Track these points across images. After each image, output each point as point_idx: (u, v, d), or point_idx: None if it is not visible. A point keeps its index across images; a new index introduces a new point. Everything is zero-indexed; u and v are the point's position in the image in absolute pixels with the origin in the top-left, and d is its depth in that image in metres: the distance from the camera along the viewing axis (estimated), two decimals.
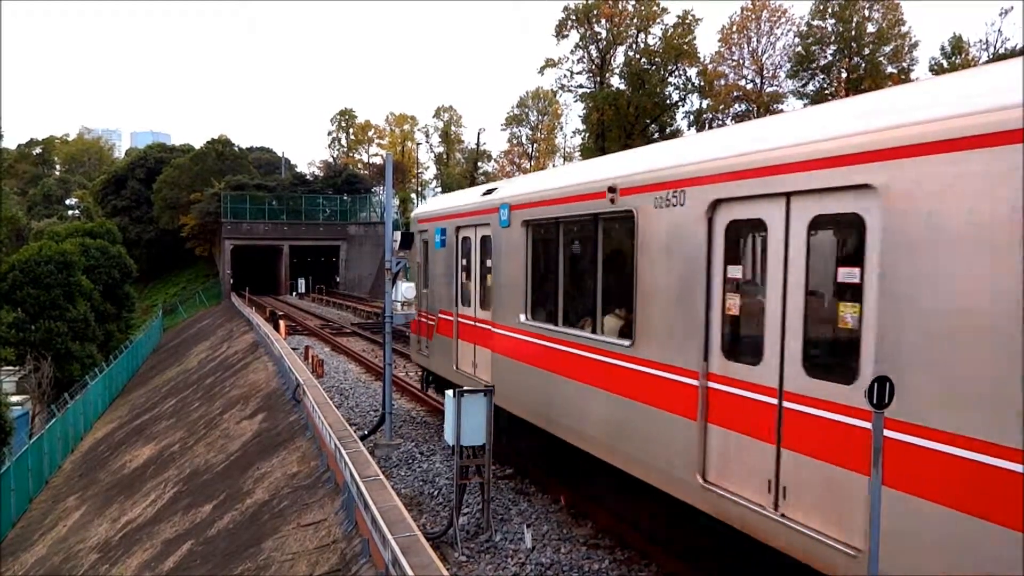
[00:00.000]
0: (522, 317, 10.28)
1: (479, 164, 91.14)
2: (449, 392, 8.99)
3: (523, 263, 10.22)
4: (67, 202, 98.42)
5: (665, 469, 7.07)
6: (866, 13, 55.63)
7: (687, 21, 60.43)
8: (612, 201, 7.91)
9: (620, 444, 7.92)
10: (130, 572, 13.37)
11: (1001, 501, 4.14)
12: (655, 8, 61.25)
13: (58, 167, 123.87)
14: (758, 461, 5.91)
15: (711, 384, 6.49)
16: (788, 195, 5.68)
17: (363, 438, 12.93)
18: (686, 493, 6.73)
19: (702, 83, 61.80)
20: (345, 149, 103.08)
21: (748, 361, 6.10)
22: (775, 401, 5.78)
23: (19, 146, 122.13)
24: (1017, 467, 4.06)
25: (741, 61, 61.32)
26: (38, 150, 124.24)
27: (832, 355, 5.59)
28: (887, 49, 55.76)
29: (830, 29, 56.54)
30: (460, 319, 12.72)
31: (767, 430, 5.85)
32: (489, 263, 11.59)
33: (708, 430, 6.51)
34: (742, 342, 6.36)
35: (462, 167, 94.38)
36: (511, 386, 10.58)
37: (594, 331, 8.53)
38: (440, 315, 13.67)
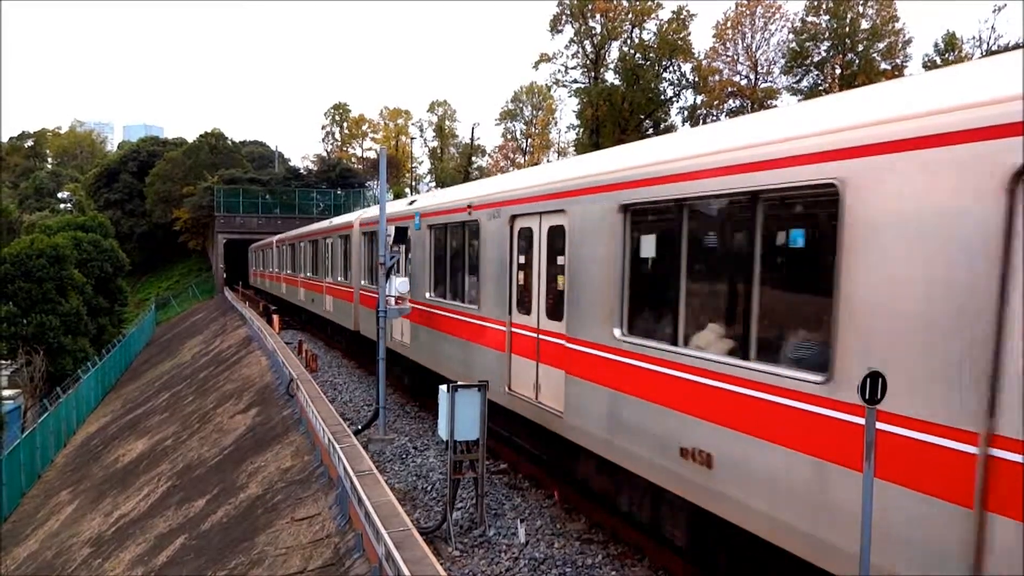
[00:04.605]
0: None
1: (473, 159, 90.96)
2: (443, 387, 8.98)
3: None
4: (59, 195, 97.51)
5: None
6: (860, 9, 55.70)
7: (682, 16, 60.47)
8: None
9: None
10: (123, 566, 13.36)
11: None
12: (650, 3, 61.22)
13: (50, 160, 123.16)
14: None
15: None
16: None
17: (357, 433, 12.94)
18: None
19: (696, 79, 61.83)
20: (339, 143, 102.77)
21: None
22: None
23: (11, 138, 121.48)
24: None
25: (735, 57, 61.37)
26: (30, 143, 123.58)
27: None
28: (881, 46, 55.85)
29: (824, 25, 56.61)
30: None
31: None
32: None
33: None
34: None
35: (456, 162, 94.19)
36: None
37: None
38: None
